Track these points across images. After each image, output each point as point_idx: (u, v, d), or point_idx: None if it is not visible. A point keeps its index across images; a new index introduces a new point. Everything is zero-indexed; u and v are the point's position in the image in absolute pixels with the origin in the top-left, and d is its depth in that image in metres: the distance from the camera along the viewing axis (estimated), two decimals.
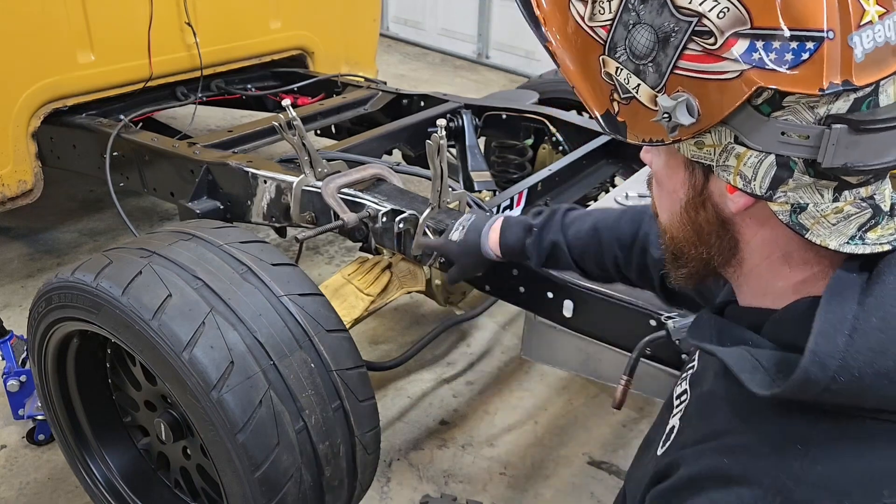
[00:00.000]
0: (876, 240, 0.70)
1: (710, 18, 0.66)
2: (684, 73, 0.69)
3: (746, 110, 0.67)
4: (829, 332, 0.65)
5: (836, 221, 0.69)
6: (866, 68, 0.64)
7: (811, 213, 0.69)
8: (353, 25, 3.42)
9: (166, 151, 2.22)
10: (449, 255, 1.51)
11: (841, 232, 0.70)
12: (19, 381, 2.04)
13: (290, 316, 1.39)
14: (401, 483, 2.08)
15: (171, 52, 2.74)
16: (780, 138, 0.67)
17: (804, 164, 0.67)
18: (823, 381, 0.64)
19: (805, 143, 0.66)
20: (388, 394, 2.42)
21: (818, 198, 0.69)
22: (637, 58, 0.72)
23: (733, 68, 0.66)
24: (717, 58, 0.66)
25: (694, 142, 0.72)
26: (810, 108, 0.65)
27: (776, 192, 0.69)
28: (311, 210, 1.85)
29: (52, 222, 3.46)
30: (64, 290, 1.47)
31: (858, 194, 0.69)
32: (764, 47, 0.64)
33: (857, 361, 0.64)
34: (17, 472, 2.07)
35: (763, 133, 0.67)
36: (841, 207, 0.69)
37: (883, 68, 0.65)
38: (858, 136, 0.64)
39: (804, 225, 0.70)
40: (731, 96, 0.67)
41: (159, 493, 1.77)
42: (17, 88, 2.39)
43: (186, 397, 1.31)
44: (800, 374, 0.65)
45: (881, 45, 0.65)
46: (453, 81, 6.11)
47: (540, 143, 2.62)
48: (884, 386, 0.64)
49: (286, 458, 1.31)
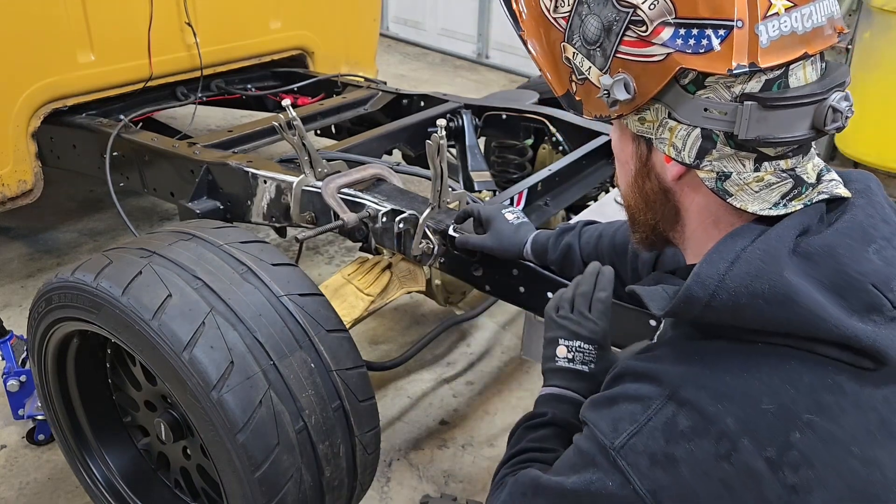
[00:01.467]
0: (798, 204, 0.80)
1: (643, 10, 0.77)
2: (624, 57, 0.80)
3: (676, 89, 0.78)
4: (715, 259, 0.77)
5: (758, 189, 0.80)
6: (771, 53, 0.74)
7: (735, 180, 0.80)
8: (353, 25, 3.42)
9: (166, 151, 2.22)
10: (492, 252, 1.54)
11: (763, 199, 0.80)
12: (19, 381, 2.04)
13: (290, 316, 1.39)
14: (401, 483, 2.08)
15: (171, 52, 2.74)
16: (704, 114, 0.78)
17: (724, 137, 0.78)
18: (703, 297, 0.75)
19: (724, 118, 0.77)
20: (388, 394, 2.42)
21: (740, 167, 0.79)
22: (588, 43, 0.84)
23: (660, 52, 0.77)
24: (647, 43, 0.78)
25: (637, 118, 0.84)
26: (727, 87, 0.76)
27: (703, 161, 0.80)
28: (311, 210, 1.85)
29: (52, 222, 3.46)
30: (64, 290, 1.47)
31: (778, 166, 0.79)
32: (685, 34, 0.75)
33: (735, 282, 0.74)
34: (17, 472, 2.07)
35: (689, 109, 0.78)
36: (762, 177, 0.79)
37: (787, 53, 0.75)
38: (767, 111, 0.75)
39: (728, 191, 0.80)
40: (659, 76, 0.78)
41: (159, 493, 1.76)
42: (17, 88, 2.39)
43: (186, 397, 1.31)
44: (683, 292, 0.77)
45: (787, 34, 0.74)
46: (453, 81, 6.11)
47: (540, 143, 2.62)
48: (759, 306, 0.73)
49: (286, 458, 1.31)
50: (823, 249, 0.75)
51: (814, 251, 0.75)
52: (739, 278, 0.74)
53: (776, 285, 0.73)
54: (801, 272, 0.74)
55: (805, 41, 0.76)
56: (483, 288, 1.67)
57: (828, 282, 0.74)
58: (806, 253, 0.75)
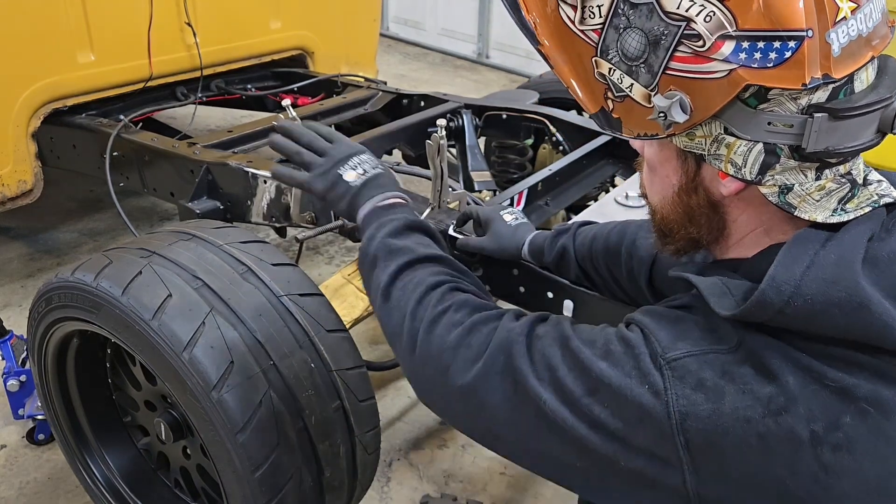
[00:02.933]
0: (854, 209, 0.77)
1: (697, 22, 0.71)
2: (676, 74, 0.74)
3: (735, 104, 0.73)
4: (789, 262, 0.72)
5: (819, 198, 0.76)
6: (843, 61, 0.70)
7: (797, 192, 0.76)
8: (353, 25, 3.41)
9: (166, 151, 2.22)
10: (491, 254, 1.52)
11: (825, 207, 0.76)
12: (19, 381, 2.04)
13: (290, 316, 1.39)
14: (401, 483, 2.08)
15: (171, 52, 2.74)
16: (767, 128, 0.73)
17: (790, 150, 0.73)
18: (778, 303, 0.71)
19: (790, 132, 0.72)
20: (388, 394, 2.42)
21: (802, 178, 0.75)
22: (629, 59, 0.77)
23: (722, 68, 0.71)
24: (706, 59, 0.72)
25: (686, 133, 0.78)
26: (793, 99, 0.71)
27: (765, 176, 0.76)
28: (311, 210, 1.85)
29: (52, 222, 3.46)
30: (64, 290, 1.47)
31: (838, 171, 0.76)
32: (749, 48, 0.70)
33: (811, 289, 0.70)
34: (17, 472, 2.07)
35: (751, 124, 0.73)
36: (823, 185, 0.76)
37: (857, 60, 0.71)
38: (837, 122, 0.71)
39: (792, 203, 0.76)
40: (722, 94, 0.72)
41: (159, 493, 1.76)
42: (17, 88, 2.39)
43: (186, 397, 1.31)
44: (757, 296, 0.72)
45: (854, 39, 0.70)
46: (453, 81, 6.11)
47: (540, 143, 2.62)
48: (834, 315, 0.69)
49: (286, 458, 1.31)
50: (890, 257, 0.73)
51: (881, 259, 0.73)
52: (816, 284, 0.70)
53: (853, 293, 0.69)
54: (871, 280, 0.71)
55: (869, 43, 0.72)
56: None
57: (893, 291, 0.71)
58: (874, 260, 0.72)
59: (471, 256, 1.60)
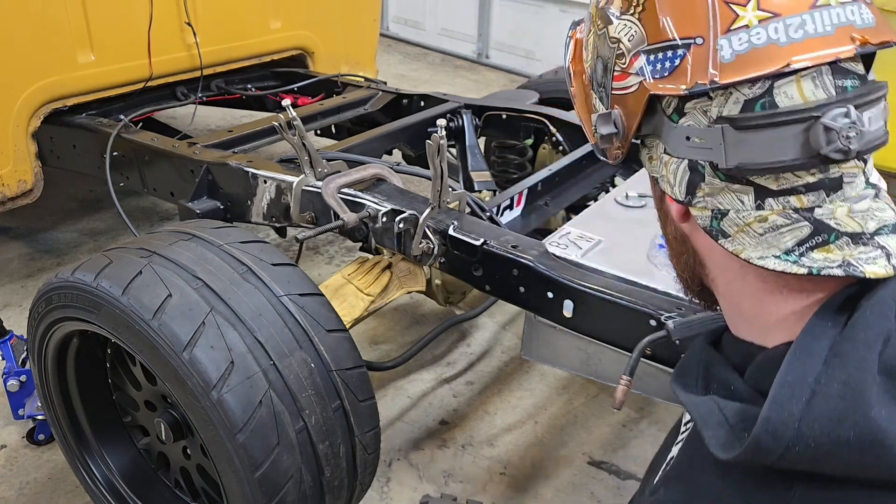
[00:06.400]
0: (823, 260, 0.66)
1: (623, 42, 0.74)
2: (615, 93, 0.77)
3: (664, 121, 0.73)
4: (785, 397, 0.63)
5: (762, 231, 0.68)
6: (736, 68, 0.65)
7: (733, 219, 0.69)
8: (353, 25, 3.42)
9: (166, 151, 2.22)
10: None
11: (770, 244, 0.67)
12: (19, 381, 2.04)
13: (290, 316, 1.39)
14: (401, 483, 2.08)
15: (171, 52, 2.74)
16: (687, 143, 0.71)
17: (710, 167, 0.69)
18: (776, 449, 0.62)
19: (704, 146, 0.69)
20: (388, 394, 2.42)
21: (738, 203, 0.69)
22: (598, 85, 0.81)
23: (634, 81, 0.74)
24: (626, 74, 0.75)
25: (647, 156, 0.78)
26: (703, 111, 0.69)
27: (694, 196, 0.72)
28: (311, 210, 1.85)
29: (52, 222, 3.46)
30: (64, 290, 1.47)
31: (788, 203, 0.67)
32: (654, 59, 0.71)
33: (814, 431, 0.61)
34: (17, 472, 2.07)
35: (674, 139, 0.72)
36: (765, 216, 0.68)
37: (759, 66, 0.65)
38: (743, 133, 0.66)
39: (725, 231, 0.70)
40: (636, 106, 0.74)
41: (159, 493, 1.77)
42: (17, 88, 2.39)
43: (186, 397, 1.31)
44: (751, 442, 0.63)
45: (761, 46, 0.65)
46: (453, 81, 6.11)
47: (540, 143, 2.62)
48: (846, 454, 0.61)
49: (286, 458, 1.31)
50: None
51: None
52: (819, 424, 0.61)
53: (863, 430, 0.60)
54: (887, 399, 0.61)
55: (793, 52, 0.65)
56: (483, 288, 1.67)
57: None
58: (891, 371, 0.62)
59: (471, 255, 1.60)
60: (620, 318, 1.40)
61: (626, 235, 1.61)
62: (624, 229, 1.65)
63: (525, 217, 2.06)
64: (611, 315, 1.42)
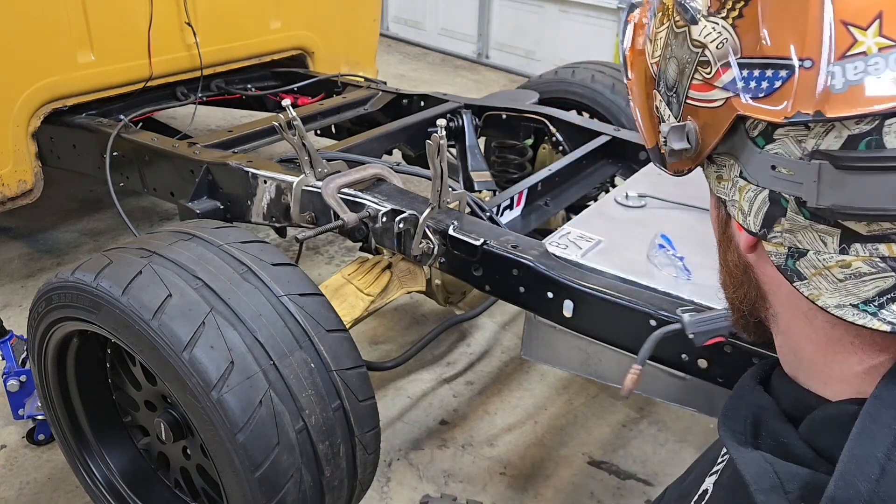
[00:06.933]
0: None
1: (710, 49, 0.66)
2: (691, 103, 0.69)
3: (746, 143, 0.65)
4: (853, 473, 0.58)
5: (842, 278, 0.61)
6: (846, 101, 0.57)
7: (812, 260, 0.63)
8: (353, 25, 3.42)
9: (166, 151, 2.22)
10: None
11: (850, 291, 0.61)
12: (19, 381, 2.04)
13: (290, 316, 1.39)
14: (401, 483, 2.08)
15: (171, 52, 2.74)
16: (771, 172, 0.63)
17: (796, 203, 0.62)
18: None
19: (792, 179, 0.62)
20: (388, 394, 2.42)
21: (820, 245, 0.62)
22: (668, 89, 0.73)
23: (720, 96, 0.66)
24: (710, 86, 0.67)
25: (716, 175, 0.71)
26: (797, 141, 0.61)
27: (770, 230, 0.65)
28: (311, 210, 1.85)
29: (52, 222, 3.46)
30: (64, 290, 1.47)
31: (876, 251, 0.60)
32: (747, 76, 0.64)
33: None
34: (17, 472, 2.07)
35: (756, 165, 0.65)
36: (849, 262, 0.61)
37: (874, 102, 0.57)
38: (844, 174, 0.58)
39: (801, 273, 0.64)
40: (718, 124, 0.67)
41: (159, 493, 1.77)
42: (17, 88, 2.39)
43: (186, 397, 1.31)
44: None
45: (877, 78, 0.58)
46: (453, 81, 6.11)
47: (540, 143, 2.62)
48: None
49: (286, 458, 1.31)
50: None
51: None
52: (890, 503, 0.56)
53: None
54: None
55: None
56: (483, 288, 1.67)
57: None
58: None
59: (471, 255, 1.60)
60: (620, 319, 1.40)
61: (626, 235, 1.61)
62: (624, 229, 1.66)
63: (525, 217, 2.06)
64: (611, 315, 1.42)
